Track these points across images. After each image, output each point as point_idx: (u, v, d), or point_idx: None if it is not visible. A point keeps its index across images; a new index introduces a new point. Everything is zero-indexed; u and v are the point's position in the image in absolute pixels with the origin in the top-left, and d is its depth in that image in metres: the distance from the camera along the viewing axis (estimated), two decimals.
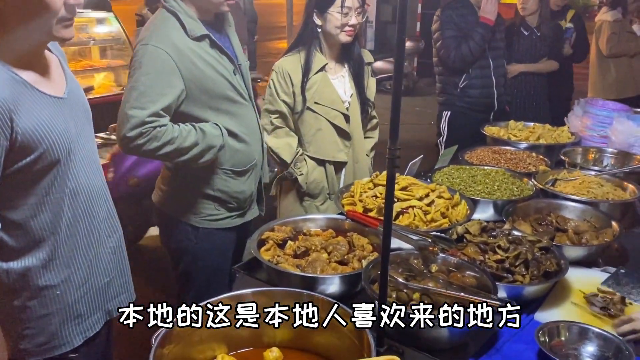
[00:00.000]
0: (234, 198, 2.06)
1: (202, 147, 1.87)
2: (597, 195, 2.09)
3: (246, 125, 2.03)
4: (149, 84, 1.77)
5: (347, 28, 2.29)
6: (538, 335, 1.36)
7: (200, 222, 2.05)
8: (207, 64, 1.88)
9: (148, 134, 1.77)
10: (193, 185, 2.02)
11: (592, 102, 2.89)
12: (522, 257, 1.61)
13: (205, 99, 1.90)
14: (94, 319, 1.44)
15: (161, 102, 1.79)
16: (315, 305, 1.22)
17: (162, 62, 1.79)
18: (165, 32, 1.83)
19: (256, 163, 2.11)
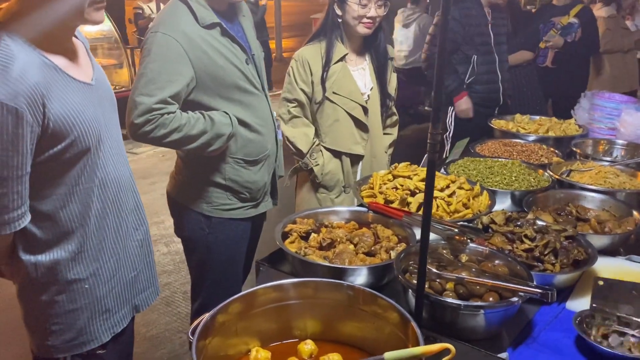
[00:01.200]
0: (246, 188, 2.04)
1: (211, 135, 1.86)
2: (615, 185, 2.10)
3: (258, 115, 2.00)
4: (157, 71, 1.76)
5: (366, 20, 2.27)
6: (576, 322, 1.35)
7: (213, 212, 2.03)
8: (217, 52, 1.86)
9: (155, 120, 1.75)
10: (205, 174, 2.00)
11: (599, 94, 2.91)
12: (551, 245, 1.60)
13: (215, 87, 1.88)
14: (121, 314, 1.40)
15: (169, 90, 1.77)
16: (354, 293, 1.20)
17: (170, 49, 1.78)
18: (176, 19, 1.82)
19: (269, 154, 2.09)
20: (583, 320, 1.37)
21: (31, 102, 1.09)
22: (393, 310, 1.18)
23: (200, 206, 2.02)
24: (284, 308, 1.28)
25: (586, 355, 1.31)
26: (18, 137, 1.09)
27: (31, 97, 1.09)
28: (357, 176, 2.45)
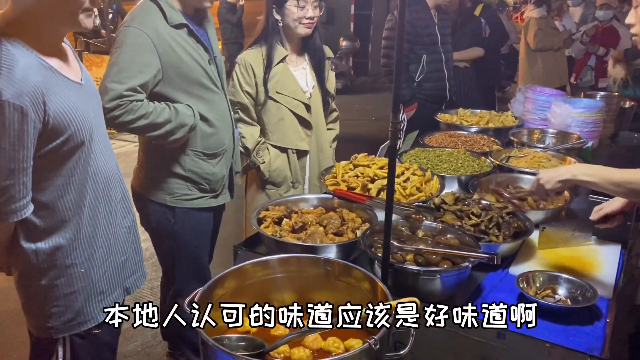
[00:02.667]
0: (205, 179, 2.19)
1: (175, 124, 2.00)
2: (547, 167, 2.36)
3: (217, 112, 2.16)
4: (128, 60, 1.91)
5: (305, 20, 2.41)
6: (518, 282, 1.58)
7: (175, 202, 2.17)
8: (183, 50, 2.02)
9: (125, 106, 1.90)
10: (166, 166, 2.14)
11: (532, 89, 3.20)
12: (495, 220, 1.83)
13: (180, 82, 2.04)
14: (114, 295, 1.51)
15: (139, 79, 1.92)
16: (332, 267, 1.38)
17: (142, 42, 1.93)
18: (147, 17, 1.98)
19: (226, 149, 2.24)
20: (523, 280, 1.60)
21: (34, 101, 1.20)
22: (365, 278, 1.36)
23: (164, 198, 2.16)
24: (267, 282, 1.44)
25: None
26: (23, 133, 1.20)
27: (34, 96, 1.20)
28: (306, 171, 2.59)
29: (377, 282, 1.32)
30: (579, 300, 1.53)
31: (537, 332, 1.41)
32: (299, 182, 2.55)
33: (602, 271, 1.72)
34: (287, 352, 1.28)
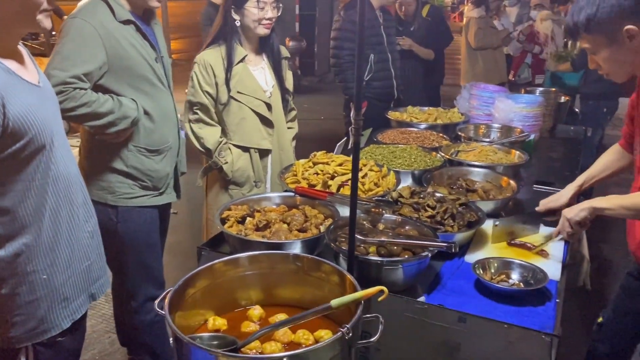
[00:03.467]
0: (147, 176, 2.18)
1: (117, 115, 2.00)
2: (494, 160, 2.50)
3: (162, 109, 2.17)
4: (73, 49, 1.91)
5: (265, 21, 2.43)
6: (474, 268, 1.67)
7: (118, 201, 2.16)
8: (130, 44, 2.03)
9: (67, 93, 1.89)
10: (107, 162, 2.13)
11: (476, 86, 3.35)
12: (449, 211, 1.92)
13: (125, 76, 2.04)
14: (79, 301, 1.49)
15: (82, 68, 1.92)
16: (301, 262, 1.42)
17: (87, 33, 1.93)
18: (94, 11, 1.98)
19: (170, 146, 2.24)
20: (479, 266, 1.69)
21: None
22: (334, 272, 1.39)
23: (105, 197, 2.14)
24: (237, 280, 1.45)
25: (483, 294, 1.63)
26: None
27: None
28: (268, 170, 2.61)
29: (346, 274, 1.36)
30: (531, 284, 1.63)
31: (495, 315, 1.51)
32: (261, 181, 2.57)
33: (550, 256, 1.83)
34: (259, 347, 1.31)
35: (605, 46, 1.63)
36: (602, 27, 1.59)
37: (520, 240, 1.92)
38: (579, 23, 1.63)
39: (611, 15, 1.57)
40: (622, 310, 2.07)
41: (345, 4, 3.73)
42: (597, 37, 1.63)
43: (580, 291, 2.61)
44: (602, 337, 2.12)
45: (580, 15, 1.62)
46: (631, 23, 1.56)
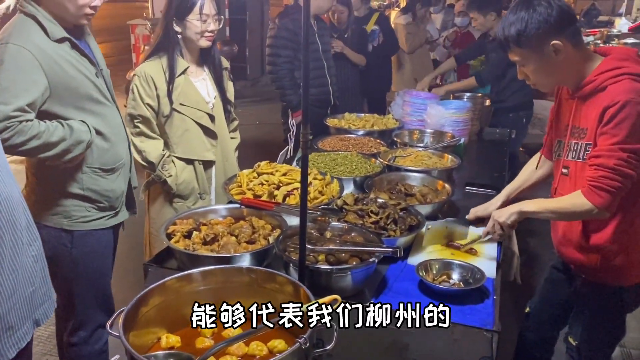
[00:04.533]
0: (104, 197, 2.10)
1: (70, 142, 1.91)
2: (429, 165, 2.62)
3: (111, 125, 2.10)
4: (11, 79, 1.78)
5: (207, 34, 2.43)
6: (418, 270, 1.76)
7: (73, 225, 2.06)
8: (69, 64, 1.93)
9: (13, 128, 1.78)
10: (61, 186, 2.03)
11: (409, 93, 3.49)
12: (392, 216, 2.01)
13: (69, 97, 1.95)
14: (24, 329, 1.43)
15: (25, 98, 1.80)
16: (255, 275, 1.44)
17: (24, 59, 1.81)
18: (26, 32, 1.84)
19: (124, 162, 2.17)
20: (422, 268, 1.78)
21: None
22: (288, 282, 1.43)
23: (60, 222, 2.04)
24: (191, 295, 1.45)
25: (427, 294, 1.72)
26: None
27: None
28: (212, 181, 2.60)
29: (300, 285, 1.41)
30: (470, 283, 1.74)
31: None
32: (206, 193, 2.54)
33: (485, 254, 1.96)
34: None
35: (534, 59, 1.77)
36: (531, 42, 1.73)
37: (457, 243, 2.03)
38: (509, 37, 1.76)
39: (539, 31, 1.71)
40: (547, 300, 2.23)
41: (280, 12, 3.77)
42: (526, 51, 1.76)
43: (512, 285, 2.80)
44: (530, 326, 2.28)
45: (511, 29, 1.75)
46: (557, 39, 1.71)
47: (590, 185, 1.70)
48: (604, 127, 1.68)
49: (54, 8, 1.90)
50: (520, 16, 1.73)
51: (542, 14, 1.70)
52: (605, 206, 1.68)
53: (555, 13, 1.70)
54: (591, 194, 1.69)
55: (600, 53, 1.82)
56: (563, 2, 1.75)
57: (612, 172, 1.66)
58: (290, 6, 3.81)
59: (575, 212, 1.75)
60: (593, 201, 1.68)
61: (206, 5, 2.39)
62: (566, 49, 1.73)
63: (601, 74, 1.74)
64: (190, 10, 2.38)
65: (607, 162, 1.67)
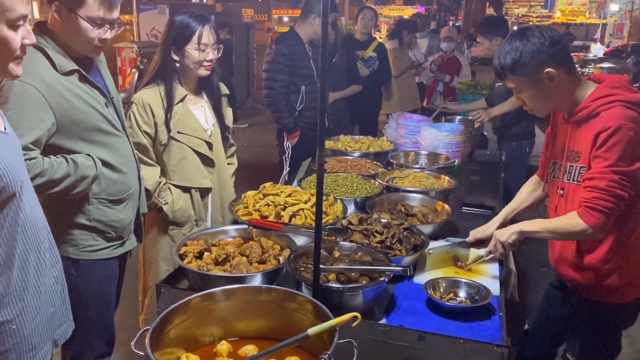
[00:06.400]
0: (111, 227, 2.07)
1: (75, 178, 1.88)
2: (427, 186, 2.69)
3: (120, 155, 2.06)
4: (16, 118, 1.76)
5: (206, 63, 2.42)
6: (426, 288, 1.81)
7: (80, 254, 2.02)
8: (77, 96, 1.90)
9: None
10: (68, 217, 2.00)
11: (402, 115, 3.59)
12: (397, 236, 2.06)
13: (76, 130, 1.92)
14: (45, 350, 1.44)
15: (29, 136, 1.79)
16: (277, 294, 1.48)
17: (29, 96, 1.79)
18: (33, 67, 1.81)
19: (133, 192, 2.14)
20: (430, 287, 1.83)
21: None
22: (308, 302, 1.46)
23: (66, 250, 2.00)
24: (214, 314, 1.48)
25: (435, 312, 1.76)
26: None
27: None
28: (209, 208, 2.57)
29: (318, 304, 1.44)
30: (477, 300, 1.80)
31: (449, 331, 1.65)
32: (202, 220, 2.52)
33: (488, 273, 2.02)
34: None
35: (529, 86, 1.86)
36: (526, 70, 1.83)
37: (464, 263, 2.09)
38: (505, 66, 1.86)
39: (533, 60, 1.81)
40: (545, 317, 2.29)
41: (276, 37, 3.86)
42: (521, 78, 1.86)
43: (509, 302, 2.86)
44: (528, 343, 2.34)
45: (507, 58, 1.84)
46: (550, 66, 1.80)
47: (584, 206, 1.78)
48: (597, 150, 1.77)
49: (65, 40, 1.89)
50: (515, 46, 1.83)
51: (535, 44, 1.80)
52: (599, 226, 1.75)
53: (548, 43, 1.80)
54: (586, 214, 1.77)
55: (594, 80, 1.92)
56: (555, 33, 1.86)
57: (605, 193, 1.74)
58: (286, 32, 3.90)
59: (571, 232, 1.83)
60: (587, 221, 1.76)
61: (205, 34, 2.37)
62: (559, 76, 1.82)
63: (595, 100, 1.83)
64: (188, 39, 2.37)
65: (599, 184, 1.75)
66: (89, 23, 1.84)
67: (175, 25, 2.37)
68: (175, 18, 2.39)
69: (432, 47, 6.98)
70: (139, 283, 2.62)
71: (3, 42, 1.20)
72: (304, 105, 3.76)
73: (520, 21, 29.73)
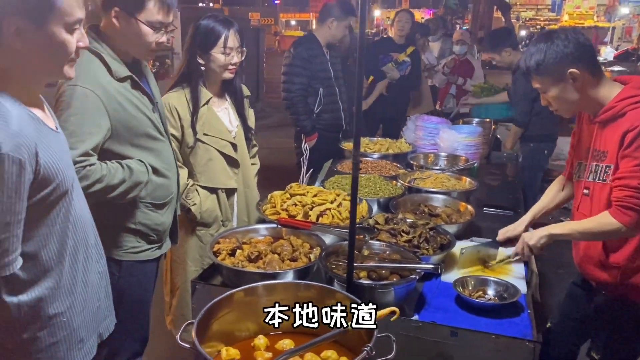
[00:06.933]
0: (154, 230, 2.11)
1: (130, 184, 1.92)
2: (449, 187, 2.73)
3: (165, 160, 2.09)
4: (78, 123, 1.80)
5: (230, 67, 2.47)
6: (455, 286, 1.85)
7: (123, 255, 2.06)
8: (131, 103, 1.94)
9: (79, 173, 1.77)
10: (115, 220, 2.03)
11: (421, 118, 3.63)
12: (423, 235, 2.10)
13: (128, 136, 1.95)
14: (91, 342, 1.49)
15: (90, 142, 1.82)
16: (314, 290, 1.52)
17: (90, 102, 1.83)
18: (93, 73, 1.86)
19: (174, 196, 2.18)
20: (459, 284, 1.87)
21: (29, 152, 1.19)
22: (346, 298, 1.49)
23: (111, 251, 2.01)
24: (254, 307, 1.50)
25: (465, 309, 1.80)
26: (20, 185, 1.18)
27: (29, 148, 1.19)
28: (234, 208, 2.62)
29: (357, 300, 1.47)
30: (505, 298, 1.83)
31: (480, 327, 1.68)
32: (228, 220, 2.57)
33: (514, 273, 2.05)
34: None
35: (553, 86, 1.90)
36: (550, 70, 1.87)
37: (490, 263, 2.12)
38: (530, 67, 1.90)
39: (557, 60, 1.85)
40: (568, 315, 2.32)
41: (295, 40, 3.92)
42: (545, 79, 1.90)
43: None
44: (551, 341, 2.36)
45: (532, 60, 1.89)
46: (574, 67, 1.84)
47: (617, 205, 1.81)
48: (625, 150, 1.81)
49: (120, 45, 1.93)
50: (540, 47, 1.88)
51: (559, 46, 1.85)
52: (633, 224, 1.78)
53: (572, 45, 1.84)
54: (619, 213, 1.80)
55: (620, 82, 1.95)
56: (581, 36, 1.89)
57: (637, 191, 1.77)
58: (305, 36, 3.96)
59: (605, 231, 1.86)
60: (621, 220, 1.79)
61: (230, 38, 2.42)
62: (584, 77, 1.86)
63: (621, 100, 1.87)
64: (214, 43, 2.41)
65: (631, 182, 1.78)
66: (149, 27, 1.89)
67: (201, 30, 2.41)
68: (200, 22, 2.43)
69: (444, 50, 7.01)
70: (164, 285, 2.66)
71: (61, 45, 1.25)
72: (322, 108, 3.80)
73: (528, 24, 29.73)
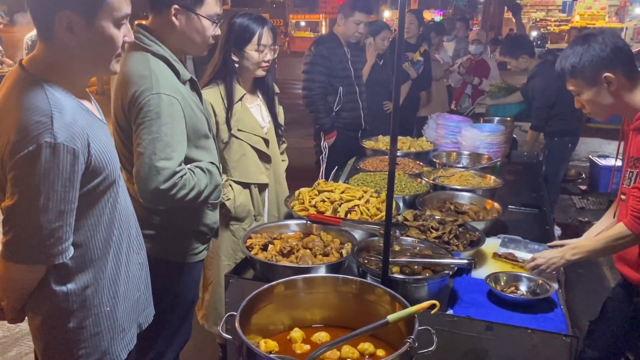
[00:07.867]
0: (211, 229, 2.10)
1: (212, 187, 1.93)
2: (474, 184, 2.73)
3: (215, 158, 2.07)
4: (170, 133, 1.77)
5: (264, 64, 2.49)
6: (487, 281, 1.85)
7: (187, 258, 2.03)
8: (196, 105, 1.94)
9: (179, 183, 1.77)
10: (187, 224, 2.01)
11: (442, 116, 3.63)
12: (453, 232, 2.10)
13: (194, 138, 1.93)
14: (132, 332, 1.51)
15: (180, 150, 1.81)
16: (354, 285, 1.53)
17: (176, 110, 1.80)
18: (167, 78, 1.83)
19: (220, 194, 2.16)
20: (492, 280, 1.87)
21: (82, 143, 1.22)
22: (385, 293, 1.51)
23: (175, 255, 2.01)
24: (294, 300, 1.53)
25: (497, 304, 1.80)
26: (74, 174, 1.20)
27: (82, 138, 1.22)
28: (265, 204, 2.64)
29: (396, 295, 1.49)
30: (538, 293, 1.83)
31: (515, 322, 1.68)
32: (260, 215, 2.59)
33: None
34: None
35: (588, 89, 1.90)
36: (584, 73, 1.87)
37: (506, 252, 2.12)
38: (565, 69, 1.91)
39: (592, 64, 1.85)
40: (609, 318, 2.28)
41: (315, 40, 3.93)
42: (580, 81, 1.90)
43: None
44: (592, 343, 2.31)
45: (567, 62, 1.89)
46: (608, 71, 1.84)
47: (632, 215, 1.80)
48: None
49: (177, 43, 1.90)
50: (576, 50, 1.88)
51: (596, 50, 1.84)
52: None
53: (609, 50, 1.84)
54: (633, 223, 1.80)
55: None
56: (619, 40, 1.89)
57: None
58: (326, 35, 3.98)
59: (620, 243, 1.86)
60: (635, 230, 1.79)
61: (264, 35, 2.44)
62: (619, 81, 1.85)
63: None
64: (248, 41, 2.43)
65: None
66: (210, 20, 1.90)
67: (236, 27, 2.44)
68: (235, 20, 2.45)
69: (459, 50, 7.01)
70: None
71: (110, 39, 1.28)
72: (341, 106, 3.81)
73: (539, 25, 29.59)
